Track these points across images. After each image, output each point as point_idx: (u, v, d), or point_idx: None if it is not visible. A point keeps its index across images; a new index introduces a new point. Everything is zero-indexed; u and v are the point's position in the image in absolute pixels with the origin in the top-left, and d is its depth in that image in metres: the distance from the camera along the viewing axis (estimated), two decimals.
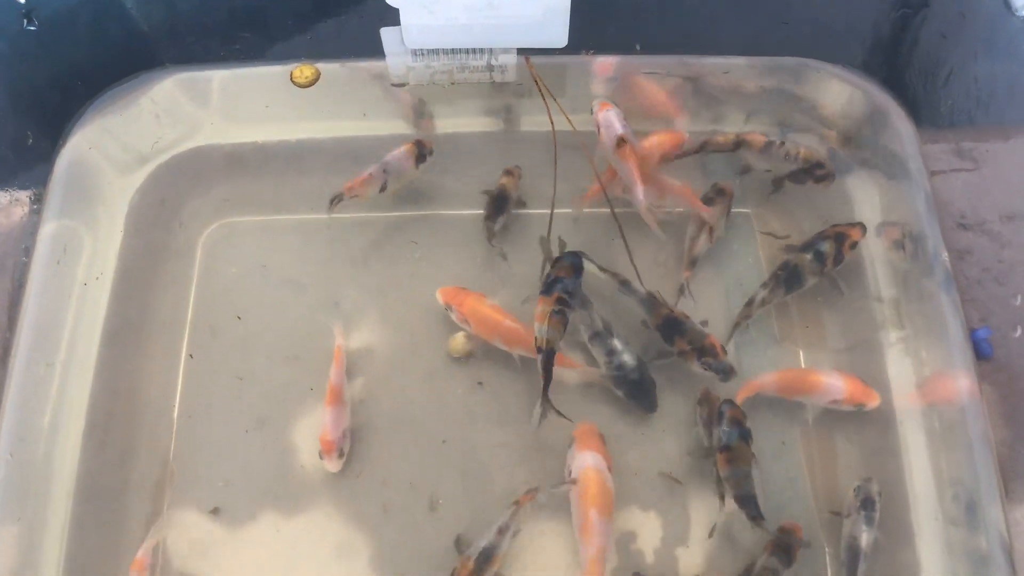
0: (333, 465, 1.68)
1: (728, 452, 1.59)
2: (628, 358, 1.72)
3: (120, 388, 1.76)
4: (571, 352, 1.77)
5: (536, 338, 1.63)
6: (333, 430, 1.67)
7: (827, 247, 1.79)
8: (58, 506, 1.65)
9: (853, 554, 1.58)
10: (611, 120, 1.79)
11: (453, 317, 1.77)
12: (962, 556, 1.62)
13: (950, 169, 2.02)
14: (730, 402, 1.65)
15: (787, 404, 1.74)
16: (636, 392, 1.73)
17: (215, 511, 1.68)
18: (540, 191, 1.89)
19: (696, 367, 1.70)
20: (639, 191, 1.73)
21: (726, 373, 1.69)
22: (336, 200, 1.81)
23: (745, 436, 1.60)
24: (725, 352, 1.71)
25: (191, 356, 1.78)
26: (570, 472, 1.64)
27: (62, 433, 1.70)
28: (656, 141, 1.87)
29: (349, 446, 1.70)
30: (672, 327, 1.73)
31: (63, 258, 1.80)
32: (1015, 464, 1.71)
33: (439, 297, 1.78)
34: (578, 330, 1.75)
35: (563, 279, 1.68)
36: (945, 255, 1.71)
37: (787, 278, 1.79)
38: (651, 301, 1.76)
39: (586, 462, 1.62)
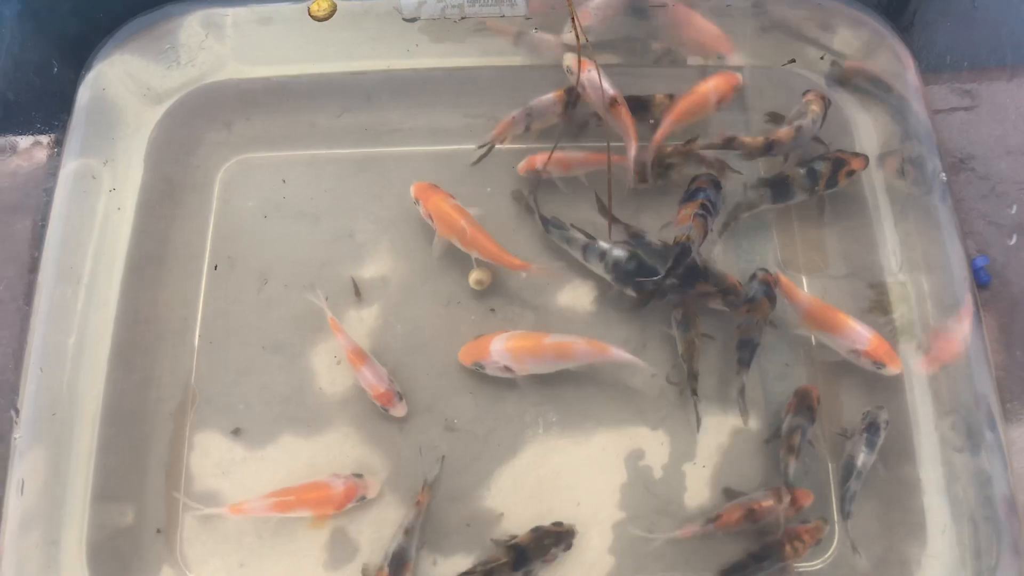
0: (399, 410, 1.70)
1: (751, 304, 1.69)
2: (620, 252, 1.75)
3: (142, 316, 1.80)
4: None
5: (676, 236, 1.69)
6: (379, 382, 1.70)
7: (823, 168, 1.82)
8: (84, 429, 1.71)
9: (847, 472, 1.63)
10: (596, 81, 1.83)
11: (420, 212, 1.81)
12: (963, 475, 1.67)
13: (948, 108, 2.06)
14: (765, 270, 1.74)
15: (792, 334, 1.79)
16: (642, 283, 1.73)
17: (236, 432, 1.73)
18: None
19: (718, 305, 1.75)
20: (633, 147, 1.80)
21: (753, 305, 1.73)
22: (486, 148, 1.86)
23: (771, 298, 1.71)
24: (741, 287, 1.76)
25: (211, 283, 1.83)
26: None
27: (87, 358, 1.75)
28: (712, 85, 1.87)
29: (399, 386, 1.73)
30: (695, 274, 1.73)
31: (85, 191, 1.85)
32: (1011, 386, 1.77)
33: (411, 191, 1.82)
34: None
35: (705, 190, 1.74)
36: (943, 175, 1.75)
37: (775, 186, 1.82)
38: (665, 251, 1.74)
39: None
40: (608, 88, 1.81)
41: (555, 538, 1.60)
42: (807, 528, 1.60)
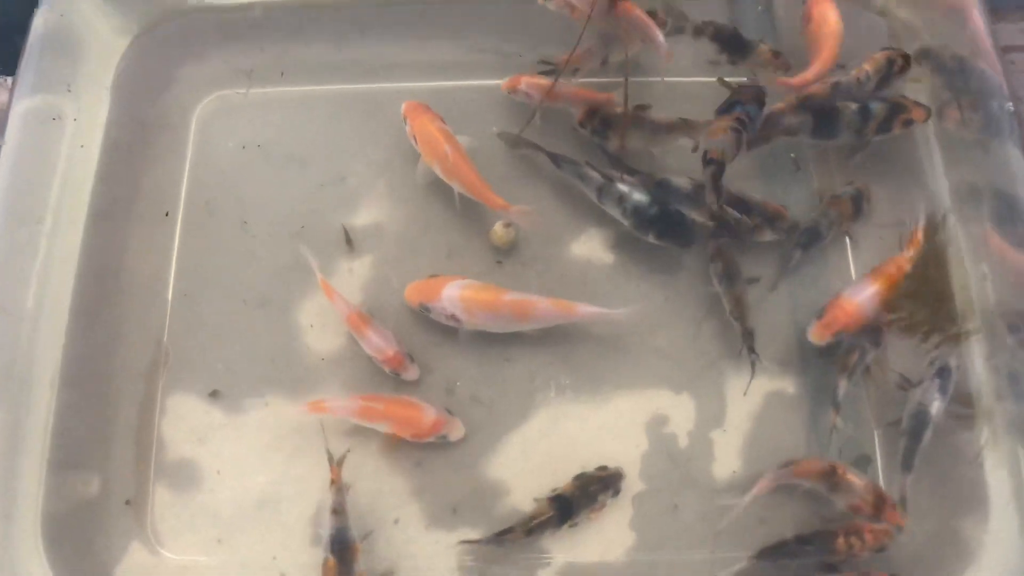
0: (411, 373, 1.54)
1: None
2: (641, 196, 1.59)
3: (109, 266, 1.64)
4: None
5: (707, 150, 1.51)
6: (387, 345, 1.53)
7: (878, 109, 1.62)
8: (42, 391, 1.54)
9: (919, 422, 1.46)
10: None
11: (407, 132, 1.65)
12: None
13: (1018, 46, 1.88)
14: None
15: None
16: (665, 230, 1.59)
17: (214, 394, 1.56)
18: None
19: (767, 236, 1.59)
20: (659, 36, 1.59)
21: (796, 226, 1.60)
22: (551, 70, 1.67)
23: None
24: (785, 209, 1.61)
25: (187, 231, 1.66)
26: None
27: (47, 313, 1.58)
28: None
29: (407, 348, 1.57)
30: (736, 209, 1.57)
31: (43, 129, 1.66)
32: None
33: (403, 108, 1.66)
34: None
35: (744, 103, 1.56)
36: (1010, 105, 1.58)
37: (819, 115, 1.62)
38: (702, 190, 1.56)
39: (453, 294, 1.52)
40: None
41: (601, 484, 1.46)
42: (874, 528, 1.40)
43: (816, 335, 1.51)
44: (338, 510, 1.41)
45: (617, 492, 1.48)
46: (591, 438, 1.53)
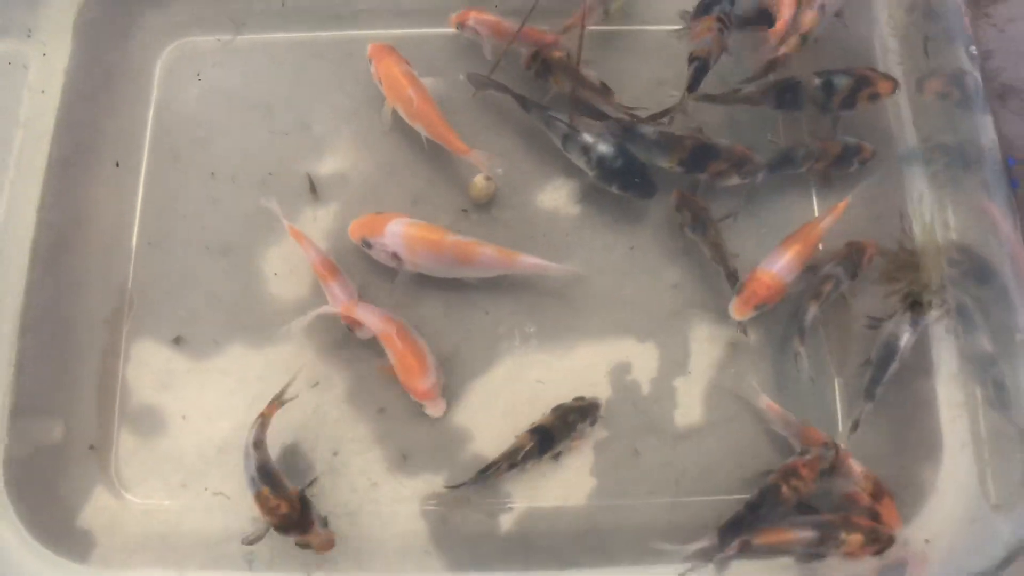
0: (366, 332, 1.52)
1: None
2: (606, 147, 1.57)
3: (72, 214, 1.62)
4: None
5: (691, 51, 1.51)
6: (347, 298, 1.51)
7: (843, 83, 1.59)
8: (2, 338, 1.53)
9: (888, 353, 1.48)
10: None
11: (372, 72, 1.64)
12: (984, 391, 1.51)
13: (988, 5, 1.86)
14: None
15: None
16: (627, 180, 1.58)
17: (177, 340, 1.56)
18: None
19: (735, 180, 1.58)
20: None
21: (762, 169, 1.59)
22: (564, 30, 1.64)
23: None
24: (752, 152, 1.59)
25: (151, 179, 1.64)
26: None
27: (6, 261, 1.56)
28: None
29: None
30: (703, 155, 1.57)
31: (3, 73, 1.63)
32: None
33: (369, 50, 1.64)
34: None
35: (720, 3, 1.56)
36: (973, 48, 1.56)
37: (781, 90, 1.59)
38: (667, 138, 1.57)
39: (396, 232, 1.51)
40: None
41: (579, 413, 1.47)
42: (804, 462, 1.41)
43: (737, 311, 1.50)
44: (258, 443, 1.40)
45: (595, 421, 1.49)
46: (555, 386, 1.53)
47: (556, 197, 1.65)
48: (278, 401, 1.44)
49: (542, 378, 1.53)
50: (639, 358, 1.55)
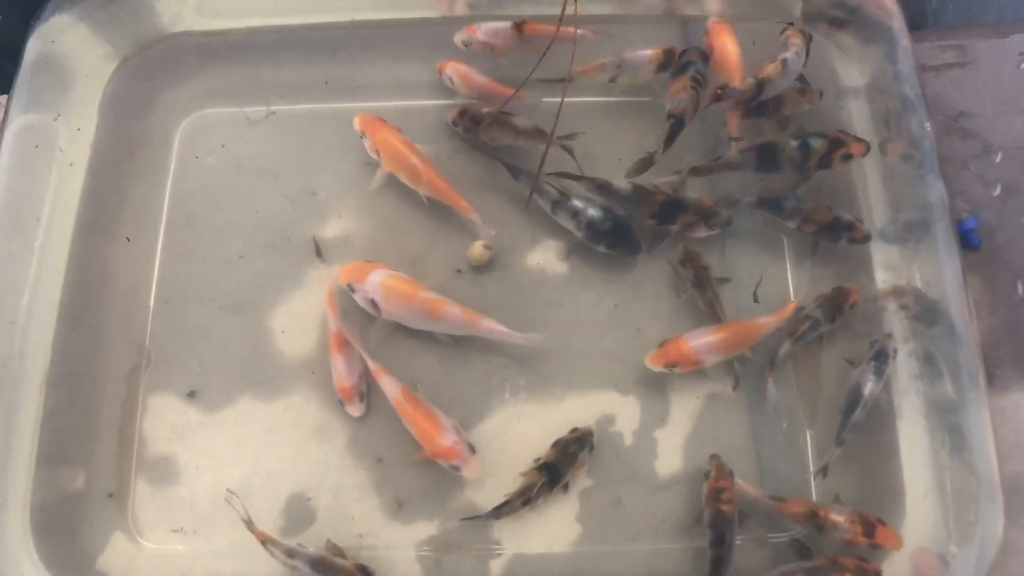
0: (356, 409, 1.63)
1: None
2: (595, 212, 1.69)
3: (95, 275, 1.74)
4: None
5: (668, 109, 1.64)
6: (348, 376, 1.62)
7: (819, 145, 1.68)
8: (32, 391, 1.64)
9: (853, 400, 1.57)
10: (492, 26, 1.79)
11: (366, 146, 1.75)
12: (946, 443, 1.59)
13: (941, 64, 1.98)
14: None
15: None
16: (615, 240, 1.70)
17: (191, 395, 1.66)
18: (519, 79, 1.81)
19: (702, 232, 1.69)
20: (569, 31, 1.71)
21: (730, 222, 1.71)
22: (559, 79, 1.70)
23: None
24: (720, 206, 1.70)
25: (168, 241, 1.76)
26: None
27: (36, 319, 1.68)
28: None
29: (367, 388, 1.64)
30: (673, 208, 1.68)
31: (35, 147, 1.76)
32: (1000, 352, 1.70)
33: (356, 124, 1.76)
34: None
35: (695, 62, 1.69)
36: (927, 124, 1.66)
37: (762, 153, 1.69)
38: (640, 192, 1.69)
39: (376, 282, 1.61)
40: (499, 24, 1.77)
41: (577, 444, 1.57)
42: (715, 479, 1.51)
43: (650, 361, 1.62)
44: (293, 553, 1.48)
45: (592, 448, 1.59)
46: (543, 436, 1.61)
47: (544, 257, 1.76)
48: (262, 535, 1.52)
49: (531, 429, 1.63)
50: (622, 410, 1.65)
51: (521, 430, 1.63)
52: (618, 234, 1.70)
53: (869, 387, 1.57)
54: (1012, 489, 1.55)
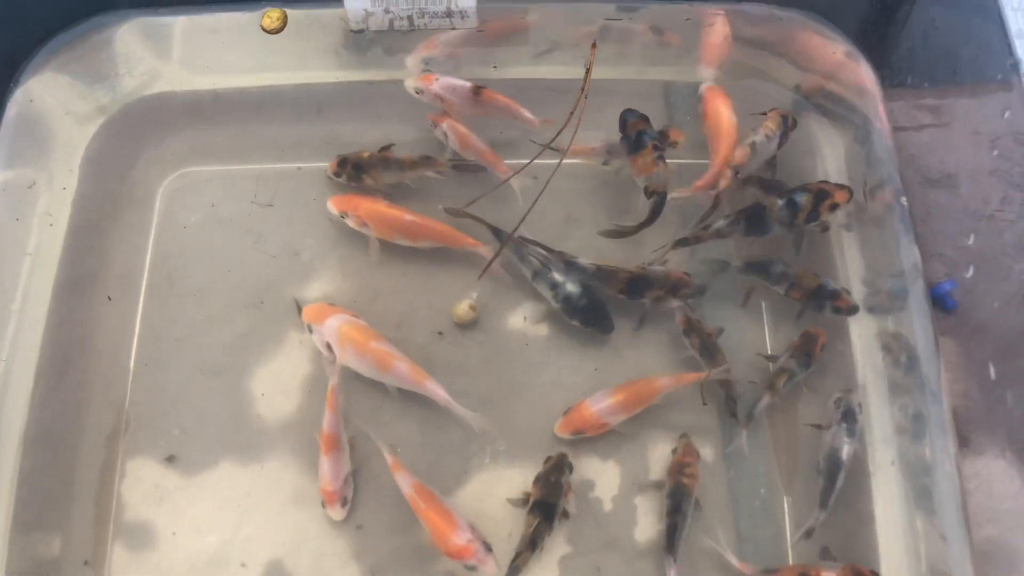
0: (337, 514, 1.61)
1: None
2: (573, 287, 1.72)
3: (75, 335, 1.73)
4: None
5: (645, 186, 1.68)
6: (332, 479, 1.60)
7: (804, 200, 1.70)
8: (8, 454, 1.63)
9: (833, 465, 1.59)
10: (450, 81, 1.82)
11: (350, 223, 1.77)
12: (919, 509, 1.62)
13: (916, 125, 2.02)
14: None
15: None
16: (589, 317, 1.72)
17: (170, 459, 1.65)
18: (510, 141, 1.87)
19: (675, 303, 1.71)
20: (525, 113, 1.81)
21: (702, 292, 1.73)
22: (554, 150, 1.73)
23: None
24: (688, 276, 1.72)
25: (149, 302, 1.76)
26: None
27: (14, 379, 1.67)
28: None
29: (352, 492, 1.62)
30: (639, 284, 1.70)
31: (14, 206, 1.76)
32: (975, 416, 1.72)
33: (332, 207, 1.78)
34: None
35: (645, 131, 1.71)
36: (904, 200, 1.70)
37: (749, 218, 1.71)
38: (604, 271, 1.71)
39: (332, 326, 1.64)
40: (461, 82, 1.80)
41: (556, 472, 1.59)
42: (680, 456, 1.60)
43: (558, 429, 1.65)
44: None
45: (571, 469, 1.61)
46: (523, 501, 1.61)
47: (526, 321, 1.77)
48: None
49: (511, 493, 1.63)
50: (602, 475, 1.65)
51: (501, 496, 1.63)
52: (592, 312, 1.72)
53: (845, 449, 1.60)
54: (985, 555, 1.58)
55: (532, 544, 1.53)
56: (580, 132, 1.71)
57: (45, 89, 1.83)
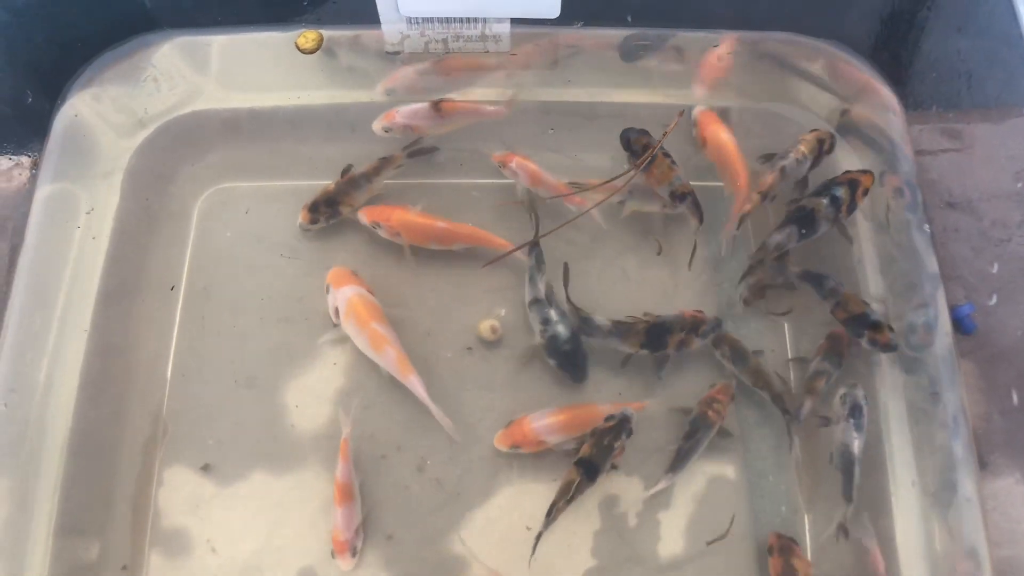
0: (346, 563, 1.64)
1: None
2: (562, 330, 1.74)
3: (114, 346, 1.78)
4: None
5: (672, 192, 1.76)
6: (345, 529, 1.63)
7: (842, 193, 1.74)
8: (51, 461, 1.68)
9: (847, 461, 1.63)
10: (411, 108, 1.86)
11: (381, 234, 1.81)
12: (940, 530, 1.65)
13: (938, 149, 2.04)
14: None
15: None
16: (566, 362, 1.75)
17: (206, 468, 1.70)
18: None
19: (696, 343, 1.73)
20: (489, 108, 1.87)
21: (720, 325, 1.76)
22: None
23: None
24: (701, 312, 1.75)
25: (186, 315, 1.81)
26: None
27: (56, 389, 1.72)
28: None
29: (362, 542, 1.65)
30: (660, 332, 1.72)
31: (59, 219, 1.82)
32: (993, 437, 1.75)
33: (362, 218, 1.82)
34: None
35: (651, 143, 1.78)
36: (927, 227, 1.74)
37: (801, 221, 1.74)
38: (622, 328, 1.73)
39: (345, 294, 1.71)
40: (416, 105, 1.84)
41: (613, 434, 1.62)
42: (717, 389, 1.69)
43: (497, 441, 1.69)
44: None
45: (630, 433, 1.64)
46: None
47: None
48: None
49: (537, 508, 1.64)
50: (626, 491, 1.69)
51: (527, 510, 1.66)
52: (572, 358, 1.74)
53: (856, 444, 1.63)
54: (1003, 574, 1.61)
55: (569, 499, 1.57)
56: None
57: (89, 106, 1.89)
